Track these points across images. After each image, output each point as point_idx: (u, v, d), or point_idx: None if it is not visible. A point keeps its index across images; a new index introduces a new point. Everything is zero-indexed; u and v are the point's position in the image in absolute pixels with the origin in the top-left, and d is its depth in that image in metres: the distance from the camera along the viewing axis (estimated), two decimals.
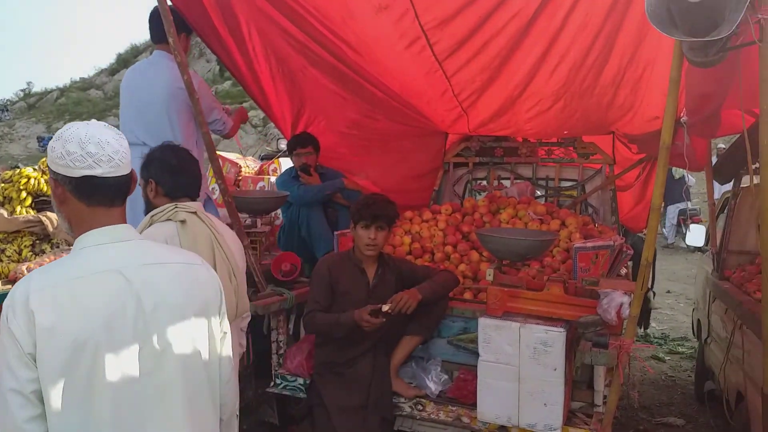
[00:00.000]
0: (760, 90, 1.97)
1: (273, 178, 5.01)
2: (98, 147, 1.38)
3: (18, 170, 3.93)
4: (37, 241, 3.82)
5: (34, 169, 3.95)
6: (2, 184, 3.83)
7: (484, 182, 4.86)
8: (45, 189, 3.84)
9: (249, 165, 5.56)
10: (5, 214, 3.69)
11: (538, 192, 4.76)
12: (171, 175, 2.32)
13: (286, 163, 5.10)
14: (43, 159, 3.43)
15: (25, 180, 3.82)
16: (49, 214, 3.81)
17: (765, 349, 2.34)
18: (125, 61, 31.05)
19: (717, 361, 3.90)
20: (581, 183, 4.65)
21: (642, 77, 3.22)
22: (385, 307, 2.78)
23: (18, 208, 3.76)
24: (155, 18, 3.25)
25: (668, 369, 5.81)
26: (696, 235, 5.05)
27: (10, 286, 3.10)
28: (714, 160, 5.07)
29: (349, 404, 2.92)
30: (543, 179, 4.77)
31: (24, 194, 3.78)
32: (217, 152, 5.51)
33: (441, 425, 3.00)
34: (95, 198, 1.42)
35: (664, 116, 2.20)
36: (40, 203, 3.88)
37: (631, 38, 2.91)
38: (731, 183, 4.52)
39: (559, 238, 3.81)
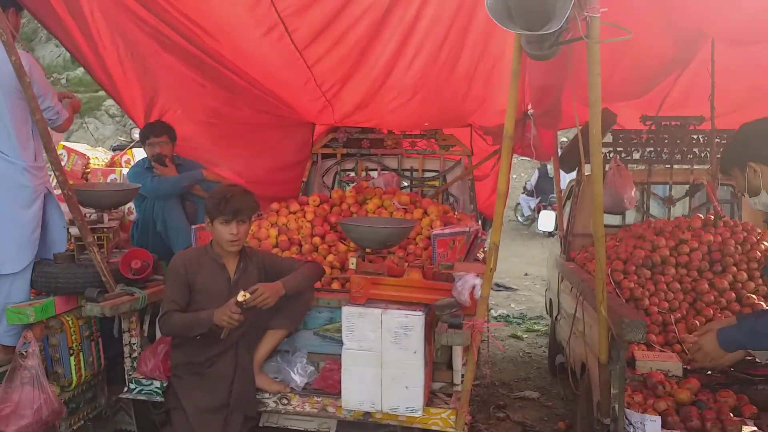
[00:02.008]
0: (589, 83, 2.14)
1: (126, 170, 4.69)
2: None
3: None
4: None
5: None
6: None
7: (353, 173, 4.90)
8: None
9: (99, 156, 5.16)
10: None
11: (404, 182, 4.89)
12: None
13: (140, 154, 4.80)
14: None
15: None
16: None
17: (600, 323, 2.57)
18: None
19: (565, 336, 4.22)
20: (443, 173, 4.85)
21: (493, 71, 3.39)
22: (240, 297, 2.69)
23: None
24: None
25: (525, 346, 6.23)
26: (545, 221, 5.44)
27: None
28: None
29: (209, 405, 2.81)
30: (408, 170, 4.90)
31: None
32: (63, 143, 5.09)
33: (307, 417, 2.98)
34: None
35: (507, 107, 2.32)
36: None
37: (481, 33, 3.06)
38: (576, 172, 4.92)
39: (421, 226, 3.94)
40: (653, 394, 2.78)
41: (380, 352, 2.71)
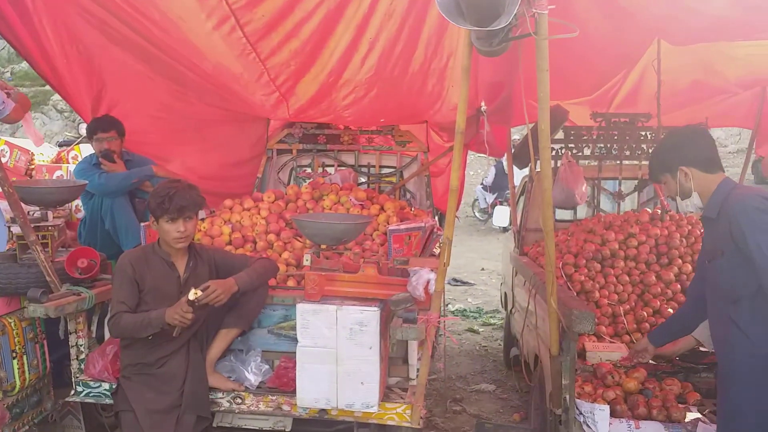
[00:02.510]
0: (538, 79, 2.17)
1: (73, 167, 4.53)
2: None
3: None
4: None
5: None
6: None
7: (309, 169, 4.86)
8: None
9: (44, 153, 4.97)
10: None
11: (362, 179, 4.87)
12: None
13: (88, 150, 4.64)
14: None
15: None
16: None
17: (551, 315, 2.62)
18: None
19: (519, 329, 4.30)
20: (399, 170, 4.86)
21: (446, 67, 3.41)
22: (191, 295, 2.64)
23: None
24: None
25: (482, 340, 6.32)
26: (500, 216, 5.52)
27: None
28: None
29: (160, 406, 2.74)
30: (365, 166, 4.89)
31: None
32: (5, 138, 4.89)
33: (262, 416, 2.94)
34: None
35: (459, 103, 2.33)
36: None
37: (435, 29, 3.07)
38: (529, 168, 5.01)
39: (378, 222, 3.94)
40: (603, 384, 2.86)
41: (335, 349, 2.70)
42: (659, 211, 4.08)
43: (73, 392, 3.02)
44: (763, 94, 4.69)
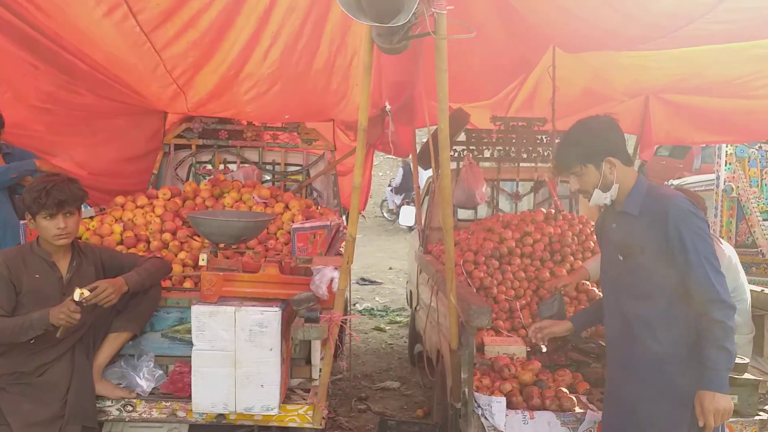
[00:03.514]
0: (437, 80, 2.21)
1: None
2: None
3: None
4: None
5: None
6: None
7: (209, 166, 4.69)
8: None
9: None
10: None
11: (266, 176, 4.77)
12: None
13: None
14: None
15: None
16: None
17: (450, 311, 2.67)
18: None
19: (423, 326, 4.37)
20: (306, 168, 4.79)
21: (351, 65, 3.40)
22: (77, 296, 2.46)
23: None
24: None
25: (388, 338, 6.38)
26: (406, 216, 5.60)
27: None
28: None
29: (40, 418, 2.54)
30: (270, 164, 4.79)
31: None
32: None
33: (155, 423, 2.80)
34: None
35: (360, 100, 2.33)
36: None
37: (338, 26, 3.05)
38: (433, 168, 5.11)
39: (282, 221, 3.87)
40: (500, 376, 2.95)
41: (234, 352, 2.61)
42: (553, 211, 4.29)
43: None
44: (646, 102, 5.05)
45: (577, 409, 2.71)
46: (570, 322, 2.79)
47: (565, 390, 2.82)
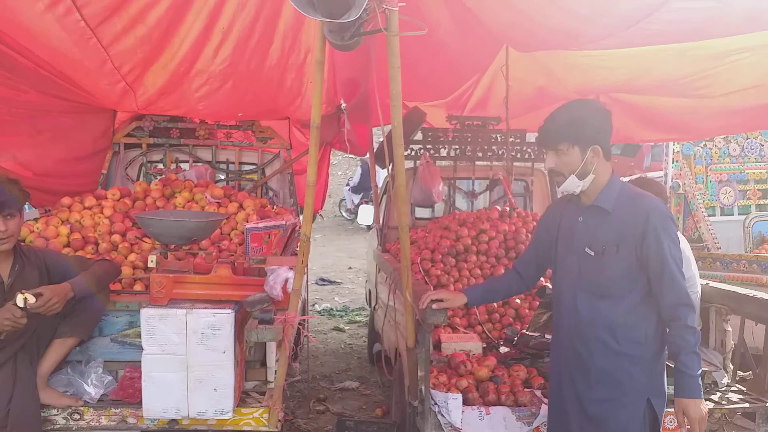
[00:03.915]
0: (390, 77, 2.20)
1: None
2: None
3: None
4: None
5: None
6: None
7: (161, 165, 4.57)
8: None
9: None
10: None
11: (220, 176, 4.68)
12: None
13: None
14: None
15: None
16: None
17: (407, 309, 2.67)
18: None
19: (381, 325, 4.37)
20: (261, 167, 4.72)
21: (305, 62, 3.36)
22: (20, 301, 2.35)
23: None
24: None
25: (347, 338, 6.35)
26: (365, 215, 5.59)
27: None
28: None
29: None
30: (223, 163, 4.70)
31: None
32: None
33: (104, 431, 2.70)
34: None
35: (313, 96, 2.30)
36: None
37: (291, 23, 3.01)
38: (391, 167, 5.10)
39: (237, 221, 3.80)
40: (456, 373, 2.97)
41: (185, 355, 2.54)
42: (508, 209, 4.34)
43: None
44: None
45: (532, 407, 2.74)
46: (465, 296, 2.66)
47: (520, 385, 2.86)
